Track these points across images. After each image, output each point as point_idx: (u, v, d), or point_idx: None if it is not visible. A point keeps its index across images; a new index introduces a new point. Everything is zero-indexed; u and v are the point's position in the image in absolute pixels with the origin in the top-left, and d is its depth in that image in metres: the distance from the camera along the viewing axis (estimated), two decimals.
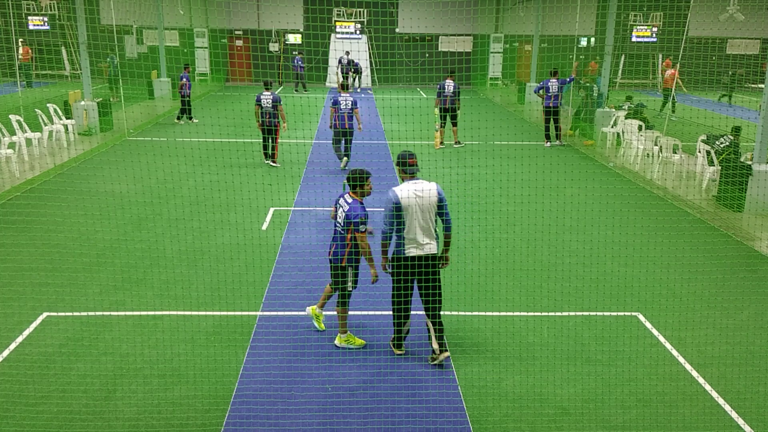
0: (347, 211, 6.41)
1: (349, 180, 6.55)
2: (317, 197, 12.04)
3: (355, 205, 6.43)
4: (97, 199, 11.63)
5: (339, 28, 32.56)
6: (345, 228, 6.46)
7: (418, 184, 6.26)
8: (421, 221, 6.22)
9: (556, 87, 17.37)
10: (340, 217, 6.53)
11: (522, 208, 11.16)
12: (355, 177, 6.50)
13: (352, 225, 6.38)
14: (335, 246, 6.61)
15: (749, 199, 11.47)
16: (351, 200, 6.50)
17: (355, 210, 6.38)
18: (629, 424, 5.59)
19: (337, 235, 6.60)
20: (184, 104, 20.18)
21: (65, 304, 7.49)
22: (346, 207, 6.46)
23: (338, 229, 6.56)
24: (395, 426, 5.48)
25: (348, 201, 6.50)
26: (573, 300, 7.95)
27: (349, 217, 6.38)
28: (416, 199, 6.19)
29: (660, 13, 30.96)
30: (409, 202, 6.18)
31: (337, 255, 6.57)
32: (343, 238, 6.52)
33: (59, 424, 5.42)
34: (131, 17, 25.35)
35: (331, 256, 6.65)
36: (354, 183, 6.51)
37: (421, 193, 6.20)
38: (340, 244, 6.55)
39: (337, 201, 6.65)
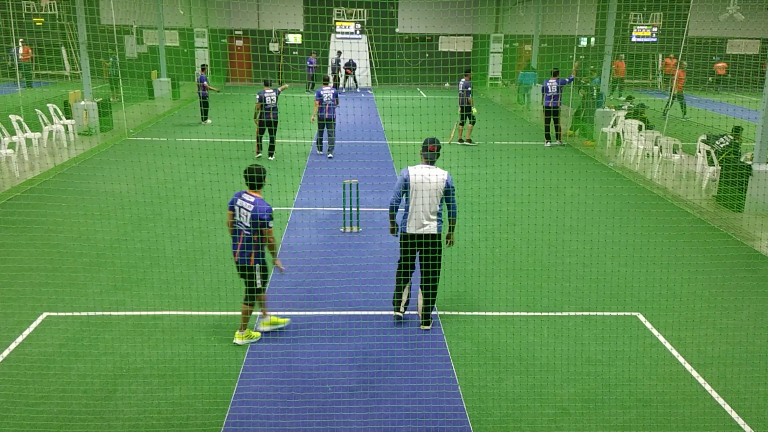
0: (253, 210, 6.42)
1: (248, 178, 6.53)
2: (317, 197, 12.04)
3: (259, 202, 6.46)
4: (97, 199, 11.62)
5: (339, 28, 32.56)
6: (252, 227, 6.46)
7: (431, 169, 6.81)
8: (424, 203, 6.74)
9: (555, 87, 17.38)
10: (243, 218, 6.49)
11: (522, 208, 11.16)
12: (253, 175, 6.52)
13: (260, 222, 6.42)
14: (240, 247, 6.56)
15: (749, 199, 11.47)
16: (253, 198, 6.49)
17: (262, 207, 6.42)
18: (629, 424, 5.59)
19: (241, 236, 6.54)
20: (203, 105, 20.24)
21: (65, 304, 7.49)
22: (250, 206, 6.44)
23: (243, 230, 6.51)
24: (395, 426, 5.48)
25: (250, 200, 6.48)
26: (573, 300, 7.95)
27: (257, 215, 6.40)
28: (424, 182, 6.72)
29: (660, 13, 30.97)
30: (416, 184, 6.74)
31: (243, 256, 6.58)
32: (249, 238, 6.51)
33: (59, 424, 5.42)
34: (131, 17, 25.35)
35: (238, 258, 6.62)
36: (252, 181, 6.53)
37: (430, 177, 6.74)
38: (247, 244, 6.53)
39: (234, 203, 6.57)
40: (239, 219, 6.57)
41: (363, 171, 13.94)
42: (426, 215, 6.80)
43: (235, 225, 6.63)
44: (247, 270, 6.63)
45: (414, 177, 6.77)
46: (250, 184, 6.58)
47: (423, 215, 6.79)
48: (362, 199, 11.32)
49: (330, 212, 11.23)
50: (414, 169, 6.83)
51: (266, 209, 6.45)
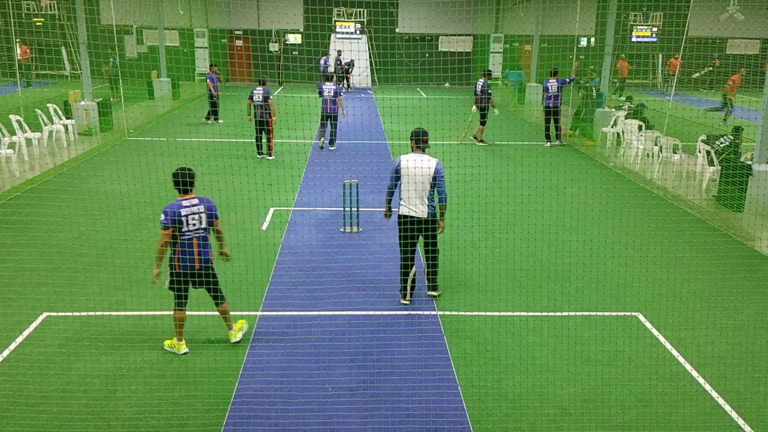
0: (206, 209, 6.36)
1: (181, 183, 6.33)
2: (317, 197, 12.04)
3: (203, 200, 6.40)
4: (97, 199, 11.62)
5: (339, 28, 32.55)
6: (208, 227, 6.40)
7: (422, 157, 7.30)
8: (415, 188, 7.28)
9: (555, 87, 17.38)
10: (197, 222, 6.30)
11: (522, 208, 11.16)
12: (185, 175, 6.33)
13: (214, 217, 6.42)
14: (200, 253, 6.36)
15: (749, 199, 11.47)
16: (197, 200, 6.36)
17: (209, 202, 6.43)
18: (629, 424, 5.59)
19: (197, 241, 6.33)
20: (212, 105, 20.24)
21: (65, 304, 7.49)
22: (199, 208, 6.33)
23: (197, 234, 6.33)
24: (395, 426, 5.48)
25: (195, 203, 6.33)
26: (573, 300, 7.95)
27: (211, 213, 6.40)
28: (415, 169, 7.22)
29: (660, 13, 30.97)
30: (407, 170, 7.27)
31: (207, 256, 6.43)
32: (205, 241, 6.41)
33: (59, 424, 5.42)
34: (131, 17, 25.36)
35: (202, 264, 6.39)
36: (186, 185, 6.34)
37: (421, 164, 7.23)
38: (204, 246, 6.40)
39: (177, 216, 6.20)
40: (190, 228, 6.28)
41: (363, 171, 13.94)
42: (416, 200, 7.34)
43: (182, 237, 6.27)
44: (211, 271, 6.51)
45: (406, 165, 7.30)
46: (185, 189, 6.35)
47: (414, 200, 7.35)
48: (362, 199, 11.32)
49: (330, 212, 11.23)
50: (406, 158, 7.35)
51: (212, 205, 6.47)
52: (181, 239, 6.27)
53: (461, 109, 21.28)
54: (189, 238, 6.30)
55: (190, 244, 6.31)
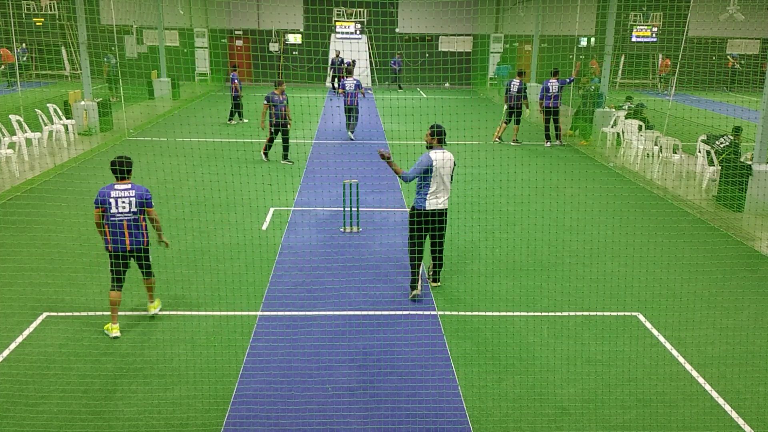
0: (136, 195, 6.79)
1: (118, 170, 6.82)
2: (317, 197, 12.04)
3: (137, 187, 6.85)
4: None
5: (339, 28, 32.54)
6: (138, 212, 6.83)
7: (444, 152, 7.72)
8: (443, 182, 7.67)
9: (556, 87, 17.37)
10: (123, 206, 6.75)
11: (522, 208, 11.17)
12: (123, 166, 6.82)
13: (145, 203, 6.84)
14: (130, 236, 6.81)
15: (749, 199, 11.47)
16: (129, 185, 6.83)
17: (142, 189, 6.85)
18: (629, 424, 5.59)
19: (126, 223, 6.78)
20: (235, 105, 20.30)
21: (65, 304, 7.49)
22: (130, 193, 6.77)
23: (127, 218, 6.78)
24: (395, 426, 5.48)
25: (126, 188, 6.80)
26: (573, 300, 7.95)
27: (142, 199, 6.81)
28: (444, 165, 7.64)
29: (660, 13, 30.95)
30: (437, 166, 7.58)
31: (139, 239, 6.88)
32: (136, 223, 6.85)
33: (59, 424, 5.42)
34: (131, 17, 25.35)
35: (133, 245, 6.84)
36: (123, 172, 6.82)
37: (445, 159, 7.67)
38: (135, 230, 6.84)
39: (106, 198, 6.74)
40: (118, 210, 6.75)
41: (363, 171, 13.94)
42: (444, 192, 7.72)
43: (111, 219, 6.76)
44: (143, 251, 6.97)
45: (436, 161, 7.59)
46: (121, 176, 6.83)
47: (442, 193, 7.70)
48: (362, 199, 11.32)
49: (330, 212, 11.23)
50: (435, 154, 7.64)
51: (146, 190, 6.90)
52: (110, 220, 6.77)
53: (461, 109, 21.28)
54: (120, 220, 6.78)
55: (120, 225, 6.79)
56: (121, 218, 6.77)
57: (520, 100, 17.73)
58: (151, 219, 6.97)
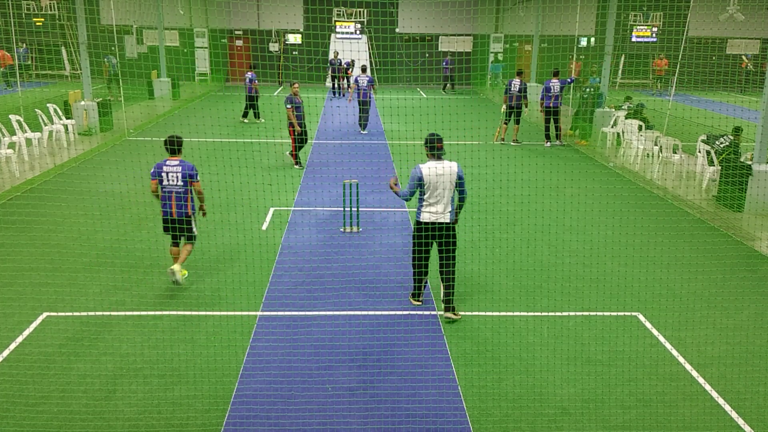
0: (182, 171, 7.74)
1: (168, 146, 7.78)
2: (317, 197, 12.04)
3: (184, 162, 7.79)
4: (97, 199, 11.62)
5: (339, 28, 32.54)
6: (184, 185, 7.75)
7: (442, 163, 7.18)
8: (440, 194, 7.15)
9: (557, 87, 17.37)
10: (172, 179, 7.73)
11: (522, 208, 11.16)
12: (173, 144, 7.77)
13: (189, 177, 7.74)
14: (177, 206, 7.81)
15: (749, 199, 11.47)
16: (177, 161, 7.78)
17: (187, 166, 7.77)
18: (629, 424, 5.58)
19: (174, 194, 7.77)
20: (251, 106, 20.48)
21: (65, 304, 7.49)
22: (178, 168, 7.74)
23: (175, 189, 7.75)
24: (395, 426, 5.48)
25: (175, 163, 7.76)
26: (573, 300, 7.95)
27: (186, 172, 7.74)
28: (438, 175, 7.10)
29: (660, 13, 30.96)
30: (430, 178, 7.11)
31: (182, 209, 7.84)
32: (182, 195, 7.79)
33: (59, 424, 5.42)
34: (131, 17, 25.35)
35: (177, 214, 7.84)
36: (173, 146, 7.78)
37: (443, 170, 7.13)
38: (182, 200, 7.80)
39: (159, 171, 7.74)
40: (168, 183, 7.74)
41: (363, 171, 13.94)
42: (441, 205, 7.20)
43: (164, 190, 7.77)
44: (185, 222, 7.90)
45: (426, 174, 7.11)
46: (171, 150, 7.77)
47: (439, 206, 7.20)
48: (362, 199, 11.32)
49: (330, 212, 11.23)
50: (426, 167, 7.14)
51: (191, 166, 7.80)
52: (162, 191, 7.79)
53: (461, 109, 21.28)
54: (169, 191, 7.77)
55: (169, 196, 7.79)
56: (170, 189, 7.75)
57: (520, 100, 17.71)
58: (197, 192, 7.91)
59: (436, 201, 7.18)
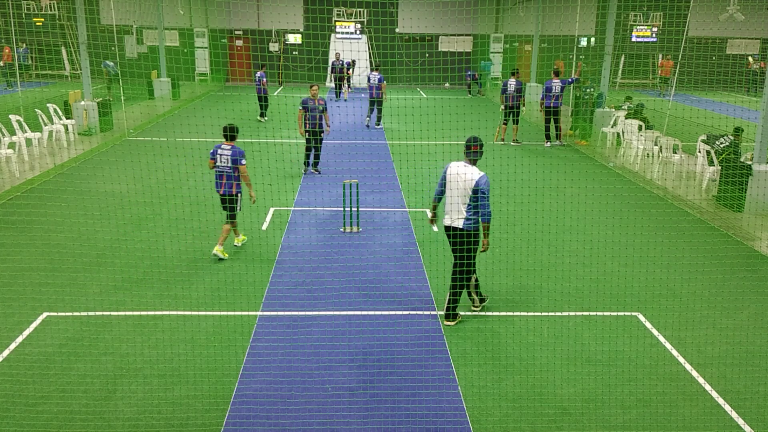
0: (232, 154, 8.77)
1: (227, 131, 8.85)
2: (317, 197, 12.04)
3: (234, 147, 8.82)
4: (97, 199, 11.62)
5: (339, 28, 32.53)
6: (232, 166, 8.78)
7: (467, 167, 7.01)
8: (455, 197, 7.03)
9: (558, 87, 17.35)
10: (224, 161, 8.81)
11: (522, 208, 11.16)
12: (231, 129, 8.85)
13: (236, 161, 8.74)
14: (224, 184, 8.89)
15: (749, 199, 11.47)
16: (230, 146, 8.83)
17: (237, 150, 8.81)
18: (629, 424, 5.59)
19: (224, 174, 8.84)
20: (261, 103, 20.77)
21: (65, 304, 7.49)
22: (229, 152, 8.79)
23: (225, 170, 8.82)
24: (395, 426, 5.48)
25: (227, 148, 8.83)
26: (573, 300, 7.95)
27: (234, 157, 8.75)
28: (457, 178, 6.98)
29: (660, 13, 30.94)
30: (451, 178, 7.06)
31: (230, 188, 8.89)
32: (230, 175, 8.84)
33: (59, 424, 5.42)
34: (131, 17, 25.34)
35: (224, 192, 8.93)
36: (227, 133, 8.84)
37: (465, 174, 6.95)
38: (229, 181, 8.85)
39: (215, 153, 8.87)
40: (220, 164, 8.81)
41: (363, 171, 13.94)
42: (456, 209, 7.03)
43: (217, 170, 8.86)
44: (229, 200, 8.92)
45: (450, 172, 7.08)
46: (225, 136, 8.84)
47: (453, 209, 7.06)
48: (362, 199, 11.32)
49: (330, 212, 11.23)
50: (453, 165, 7.12)
51: (240, 152, 8.76)
52: (216, 170, 8.93)
53: (461, 109, 21.27)
54: (220, 171, 8.88)
55: (220, 175, 8.91)
56: (222, 169, 8.86)
57: (517, 100, 17.69)
58: (243, 176, 8.85)
59: (452, 206, 7.04)
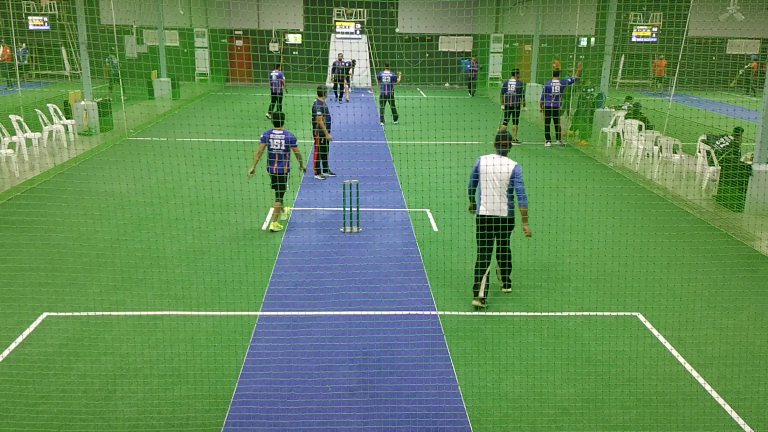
0: (285, 138, 9.97)
1: (277, 118, 10.10)
2: (317, 197, 12.04)
3: (287, 132, 10.02)
4: (97, 199, 11.62)
5: (339, 28, 32.53)
6: (285, 148, 9.96)
7: (501, 159, 7.52)
8: (493, 188, 7.51)
9: (558, 87, 17.35)
10: (277, 144, 9.94)
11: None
12: (278, 116, 10.11)
13: (290, 144, 9.97)
14: (278, 164, 10.00)
15: (749, 199, 11.47)
16: (281, 131, 10.00)
17: (289, 134, 10.01)
18: (629, 424, 5.59)
19: (276, 155, 9.97)
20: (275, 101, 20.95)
21: (65, 304, 7.49)
22: (282, 136, 9.97)
23: (278, 151, 9.96)
24: (395, 426, 5.48)
25: (280, 132, 9.99)
26: (573, 300, 7.95)
27: (289, 139, 9.97)
28: (493, 167, 7.47)
29: (660, 13, 30.94)
30: (486, 170, 7.52)
31: (282, 167, 10.03)
32: (283, 156, 10.00)
33: (59, 424, 5.42)
34: (131, 17, 25.34)
35: (277, 170, 10.03)
36: (277, 120, 10.10)
37: (499, 166, 7.47)
38: (283, 160, 10.01)
39: (267, 137, 9.98)
40: (274, 147, 9.96)
41: (363, 171, 13.94)
42: (494, 199, 7.50)
43: (270, 153, 10.01)
44: (280, 179, 10.06)
45: (484, 165, 7.54)
46: (276, 123, 10.10)
47: (491, 199, 7.51)
48: (362, 199, 11.33)
49: (330, 212, 11.23)
50: (485, 158, 7.58)
51: (292, 136, 10.06)
52: (269, 152, 10.01)
53: (461, 109, 21.27)
54: (273, 153, 9.99)
55: (273, 156, 10.00)
56: (275, 152, 9.95)
57: (517, 100, 17.68)
58: (296, 154, 10.15)
59: (490, 194, 7.49)
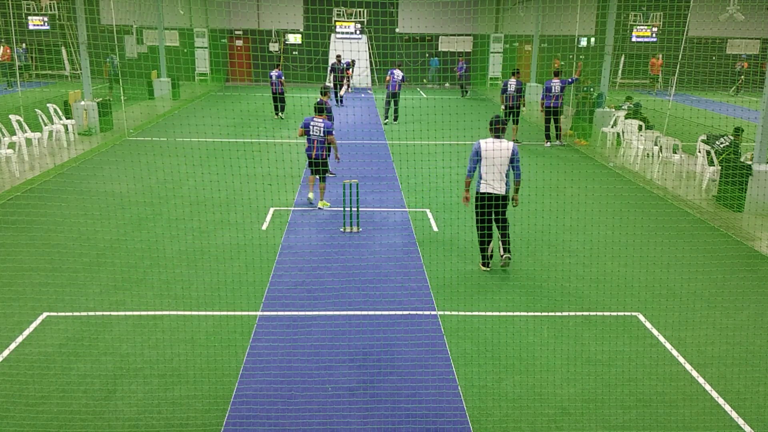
0: (323, 127, 10.88)
1: (316, 108, 11.08)
2: (317, 197, 12.03)
3: (326, 121, 10.98)
4: (97, 199, 11.63)
5: (339, 28, 32.53)
6: (324, 136, 10.90)
7: (501, 142, 8.35)
8: (494, 168, 8.28)
9: (558, 87, 17.35)
10: (316, 131, 10.88)
11: (522, 208, 11.15)
12: (320, 102, 11.13)
13: (327, 131, 10.86)
14: (316, 149, 10.95)
15: (749, 199, 11.47)
16: (321, 119, 10.95)
17: (328, 123, 10.98)
18: (629, 424, 5.59)
19: (316, 141, 10.91)
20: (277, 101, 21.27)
21: (65, 304, 7.49)
22: (321, 124, 10.89)
23: (317, 138, 10.89)
24: (395, 426, 5.48)
25: (319, 120, 10.94)
26: (573, 300, 7.95)
27: (327, 128, 10.89)
28: (493, 150, 8.25)
29: (660, 13, 30.95)
30: (486, 153, 8.29)
31: (320, 153, 10.96)
32: (322, 142, 10.94)
33: (59, 424, 5.42)
34: (131, 17, 25.34)
35: (316, 155, 10.96)
36: (317, 110, 11.05)
37: (499, 147, 8.28)
38: (321, 146, 10.96)
39: (308, 125, 10.91)
40: (313, 133, 10.88)
41: (363, 171, 13.94)
42: (495, 178, 8.31)
43: (309, 138, 10.92)
44: (321, 163, 11.01)
45: (485, 149, 8.30)
46: (318, 110, 11.00)
47: (493, 178, 8.31)
48: (362, 199, 11.33)
49: (330, 212, 11.23)
50: (484, 142, 8.35)
51: (330, 124, 11.00)
52: (308, 138, 10.97)
53: (461, 109, 21.27)
54: (313, 139, 10.92)
55: (312, 142, 10.94)
56: (314, 138, 10.89)
57: (517, 100, 17.67)
58: (330, 142, 10.97)
59: (491, 173, 8.26)
